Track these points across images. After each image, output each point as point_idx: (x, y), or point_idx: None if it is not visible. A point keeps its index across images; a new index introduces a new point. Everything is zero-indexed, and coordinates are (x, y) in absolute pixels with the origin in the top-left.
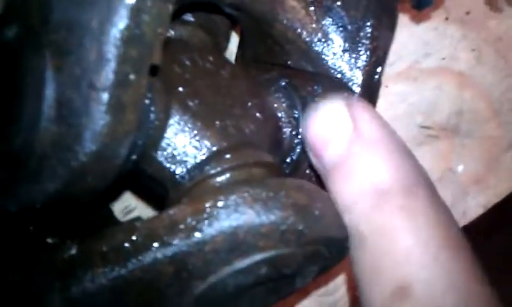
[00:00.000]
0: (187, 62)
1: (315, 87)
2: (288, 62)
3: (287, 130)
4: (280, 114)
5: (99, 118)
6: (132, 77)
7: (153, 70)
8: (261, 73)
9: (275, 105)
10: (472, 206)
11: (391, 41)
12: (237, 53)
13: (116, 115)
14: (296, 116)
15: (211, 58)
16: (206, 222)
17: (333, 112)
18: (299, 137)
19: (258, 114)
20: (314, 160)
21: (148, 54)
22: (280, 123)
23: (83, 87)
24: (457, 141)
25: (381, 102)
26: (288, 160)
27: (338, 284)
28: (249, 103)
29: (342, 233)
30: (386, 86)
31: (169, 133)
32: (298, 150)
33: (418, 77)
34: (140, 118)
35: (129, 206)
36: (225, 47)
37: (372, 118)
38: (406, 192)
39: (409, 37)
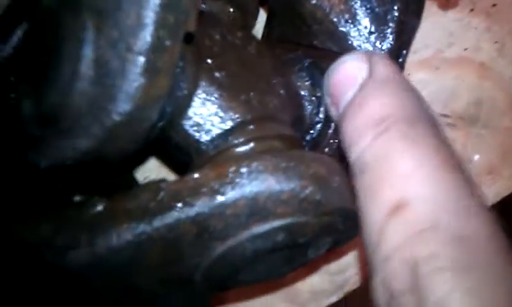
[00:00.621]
0: (217, 36)
1: None
2: (314, 43)
3: (308, 108)
4: (302, 93)
5: (134, 79)
6: (167, 42)
7: (188, 38)
8: (286, 52)
9: (298, 84)
10: (485, 195)
11: (417, 27)
12: (263, 32)
13: (150, 79)
14: (318, 95)
15: (239, 34)
16: (229, 186)
17: (353, 61)
18: (320, 115)
19: (282, 91)
20: (332, 110)
21: (184, 21)
22: (303, 101)
23: (120, 49)
24: (474, 130)
25: None
26: (308, 137)
27: (349, 263)
28: (274, 80)
29: (353, 210)
30: (409, 74)
31: (196, 102)
32: (318, 128)
33: (440, 66)
34: (171, 85)
35: (149, 177)
36: (253, 25)
37: (387, 64)
38: (408, 121)
39: (434, 26)
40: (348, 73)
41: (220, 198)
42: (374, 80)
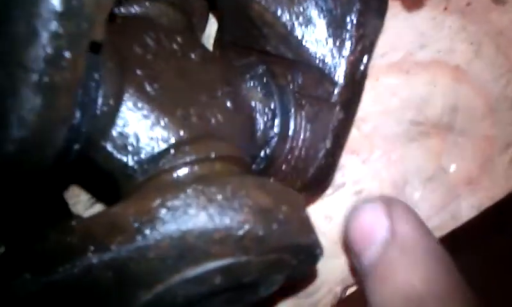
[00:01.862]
0: (151, 42)
1: (295, 76)
2: (267, 48)
3: (261, 122)
4: (254, 104)
5: (27, 101)
6: (67, 54)
7: (95, 48)
8: (239, 58)
9: (250, 94)
10: (463, 208)
11: (379, 29)
12: (215, 36)
13: (48, 98)
14: (272, 107)
15: (180, 39)
16: (150, 224)
17: (372, 213)
18: (275, 130)
19: (228, 103)
20: (354, 260)
21: (88, 28)
22: (254, 114)
23: (11, 65)
24: (450, 138)
25: (370, 95)
26: (262, 154)
27: (318, 285)
28: (220, 91)
29: (309, 239)
30: (377, 79)
31: (121, 120)
32: (273, 143)
33: (411, 70)
34: (83, 102)
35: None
36: (202, 29)
37: (409, 221)
38: (436, 301)
39: (404, 26)
40: (367, 227)
41: (140, 239)
42: (398, 246)
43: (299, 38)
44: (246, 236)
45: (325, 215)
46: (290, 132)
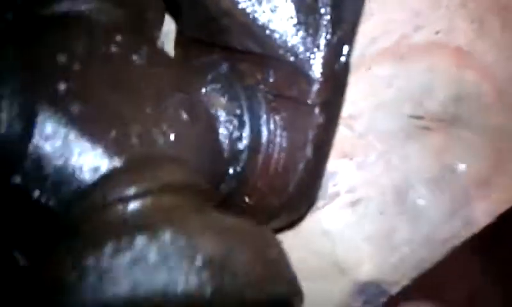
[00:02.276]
0: (79, 48)
1: (266, 74)
2: (231, 43)
3: (226, 133)
4: (216, 112)
5: None
6: None
7: None
8: (200, 57)
9: (211, 100)
10: (477, 214)
11: (360, 9)
12: (176, 32)
13: None
14: (239, 113)
15: (120, 39)
16: (60, 290)
17: None
18: (244, 141)
19: (182, 114)
20: None
21: None
22: (217, 124)
23: None
24: (456, 133)
25: (362, 88)
26: (231, 171)
27: None
28: (170, 100)
29: (281, 288)
30: (369, 68)
31: (33, 148)
32: (244, 157)
33: (406, 56)
34: None
35: None
36: (158, 25)
37: None
38: None
39: (395, 6)
40: None
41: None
42: None
43: (265, 28)
44: (189, 300)
45: (321, 231)
46: (263, 142)
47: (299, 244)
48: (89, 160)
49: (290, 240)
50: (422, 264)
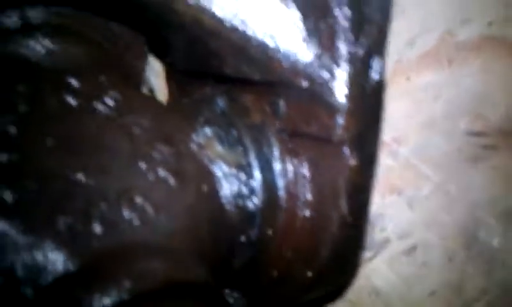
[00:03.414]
0: (20, 105)
1: (274, 106)
2: (225, 71)
3: (229, 192)
4: (213, 165)
5: None
6: None
7: None
8: (193, 92)
9: (205, 150)
10: None
11: (389, 4)
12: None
13: None
14: (245, 162)
15: (77, 86)
16: None
17: None
18: (255, 198)
19: (167, 177)
20: None
21: None
22: (216, 182)
23: None
24: None
25: (402, 104)
26: (242, 239)
27: None
28: (149, 158)
29: None
30: (408, 78)
31: None
32: (258, 220)
33: (454, 57)
34: None
35: None
36: (141, 65)
37: None
38: None
39: None
40: None
41: None
42: None
43: (264, 46)
44: None
45: (369, 290)
46: (282, 197)
47: None
48: (32, 262)
49: (336, 304)
50: None
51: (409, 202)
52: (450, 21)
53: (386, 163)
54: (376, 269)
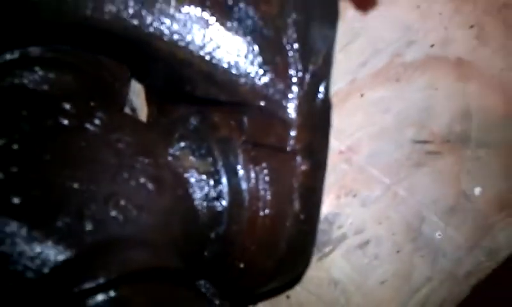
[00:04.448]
0: (22, 126)
1: (239, 123)
2: (196, 93)
3: (201, 195)
4: (187, 173)
5: None
6: None
7: None
8: (171, 112)
9: (179, 161)
10: (500, 241)
11: (332, 40)
12: (145, 90)
13: None
14: (213, 169)
15: (69, 108)
16: None
17: None
18: (223, 200)
19: (147, 183)
20: None
21: None
22: (189, 187)
23: None
24: (468, 154)
25: (357, 117)
26: (212, 235)
27: None
28: (131, 168)
29: None
30: (362, 94)
31: None
32: (225, 219)
33: (401, 76)
34: None
35: None
36: (119, 86)
37: None
38: None
39: (383, 23)
40: None
41: None
42: None
43: (229, 73)
44: None
45: (331, 281)
46: (246, 199)
47: (309, 298)
48: (37, 253)
49: (299, 296)
50: (445, 304)
51: (362, 202)
52: (397, 44)
53: (342, 168)
54: (334, 262)
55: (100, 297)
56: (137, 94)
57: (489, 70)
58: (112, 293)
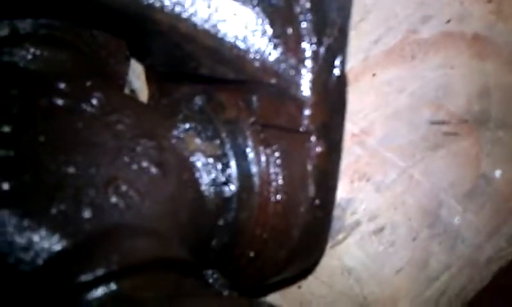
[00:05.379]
0: (12, 106)
1: (248, 102)
2: (202, 71)
3: (208, 180)
4: (193, 156)
5: None
6: None
7: None
8: (172, 92)
9: (184, 143)
10: None
11: (349, 7)
12: (145, 69)
13: None
14: (221, 153)
15: (64, 87)
16: None
17: None
18: (232, 185)
19: (150, 167)
20: None
21: None
22: (195, 171)
23: None
24: (487, 135)
25: (370, 97)
26: (221, 223)
27: None
28: (132, 151)
29: None
30: (374, 74)
31: None
32: (235, 205)
33: (416, 53)
34: None
35: None
36: (123, 69)
37: None
38: None
39: None
40: None
41: None
42: None
43: (236, 48)
44: None
45: (344, 269)
46: (256, 184)
47: (322, 287)
48: (30, 243)
49: (311, 284)
50: (465, 292)
51: (377, 187)
52: (411, 19)
53: (355, 152)
54: (348, 250)
55: (99, 291)
56: (137, 75)
57: (507, 46)
58: (112, 287)
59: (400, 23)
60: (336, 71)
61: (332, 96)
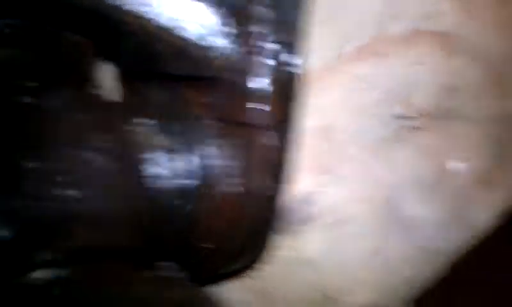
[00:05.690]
0: None
1: (211, 99)
2: (167, 69)
3: (170, 173)
4: (156, 152)
5: None
6: None
7: None
8: (141, 88)
9: (148, 140)
10: (480, 217)
11: (301, 7)
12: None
13: None
14: (183, 148)
15: (31, 85)
16: None
17: None
18: (194, 179)
19: (108, 162)
20: None
21: None
22: (157, 166)
23: None
24: (450, 128)
25: (340, 93)
26: (180, 215)
27: None
28: (88, 143)
29: None
30: (343, 70)
31: None
32: (194, 198)
33: (385, 51)
34: None
35: None
36: (86, 63)
37: None
38: None
39: None
40: None
41: None
42: None
43: (199, 46)
44: None
45: (303, 261)
46: (216, 177)
47: (280, 278)
48: None
49: (268, 275)
50: (426, 282)
51: (339, 180)
52: (382, 17)
53: (319, 147)
54: (307, 241)
55: (42, 276)
56: (105, 74)
57: (477, 44)
58: (57, 273)
59: (371, 21)
60: (296, 69)
61: (291, 93)
